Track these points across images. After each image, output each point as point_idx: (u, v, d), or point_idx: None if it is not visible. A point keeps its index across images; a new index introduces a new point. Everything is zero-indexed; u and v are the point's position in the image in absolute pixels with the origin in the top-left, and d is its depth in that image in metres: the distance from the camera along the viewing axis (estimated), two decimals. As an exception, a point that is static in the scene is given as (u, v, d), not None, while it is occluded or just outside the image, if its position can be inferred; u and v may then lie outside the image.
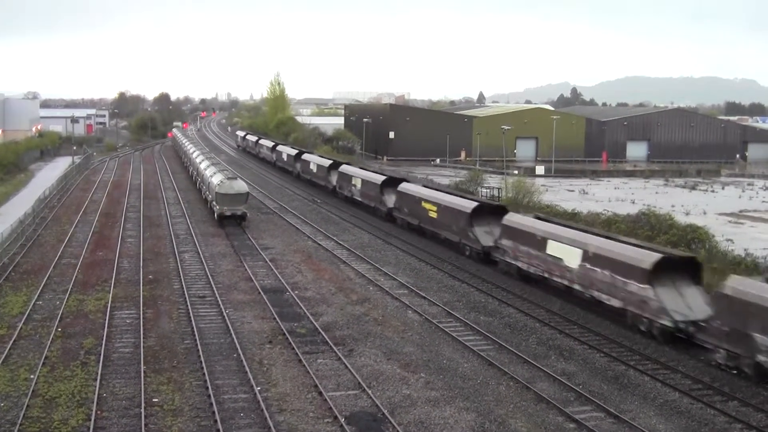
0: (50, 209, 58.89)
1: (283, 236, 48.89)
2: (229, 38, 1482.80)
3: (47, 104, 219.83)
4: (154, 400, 22.56)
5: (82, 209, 59.16)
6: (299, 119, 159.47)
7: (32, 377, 24.01)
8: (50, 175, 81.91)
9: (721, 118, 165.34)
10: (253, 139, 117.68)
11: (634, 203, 67.96)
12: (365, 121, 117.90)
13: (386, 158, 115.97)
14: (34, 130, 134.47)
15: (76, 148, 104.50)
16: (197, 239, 47.11)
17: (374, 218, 55.95)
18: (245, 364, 25.33)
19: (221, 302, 32.79)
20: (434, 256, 43.35)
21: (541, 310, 32.90)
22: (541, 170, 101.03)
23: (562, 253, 33.46)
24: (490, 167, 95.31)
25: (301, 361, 25.86)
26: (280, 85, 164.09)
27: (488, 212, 42.15)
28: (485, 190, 65.35)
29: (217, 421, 21.00)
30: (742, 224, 60.58)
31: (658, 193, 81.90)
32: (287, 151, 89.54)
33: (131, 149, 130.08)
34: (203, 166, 65.57)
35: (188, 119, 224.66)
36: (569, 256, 32.91)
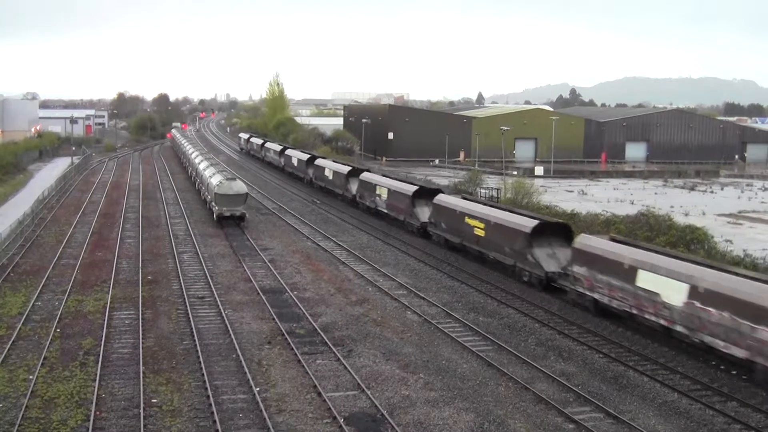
0: (49, 210, 58.85)
1: (282, 237, 48.89)
2: (228, 39, 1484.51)
3: (46, 105, 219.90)
4: (153, 400, 22.55)
5: (81, 210, 59.13)
6: (298, 120, 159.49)
7: (31, 378, 23.97)
8: (49, 175, 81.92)
9: (719, 118, 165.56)
10: (258, 141, 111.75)
11: (633, 204, 67.97)
12: (364, 121, 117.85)
13: (385, 159, 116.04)
14: (33, 130, 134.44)
15: (75, 148, 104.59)
16: (196, 240, 47.10)
17: (403, 232, 50.16)
18: (244, 364, 25.32)
19: (220, 303, 32.77)
20: (433, 257, 43.37)
21: (540, 310, 32.90)
22: (540, 171, 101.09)
23: (658, 286, 28.16)
24: (489, 168, 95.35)
25: (300, 361, 25.86)
26: (279, 85, 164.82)
27: (551, 231, 36.85)
28: (484, 190, 65.21)
29: (216, 421, 20.99)
30: (740, 225, 60.63)
31: (657, 193, 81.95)
32: (298, 155, 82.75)
33: (130, 150, 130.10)
34: (202, 166, 65.62)
35: (187, 120, 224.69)
36: (670, 290, 27.61)
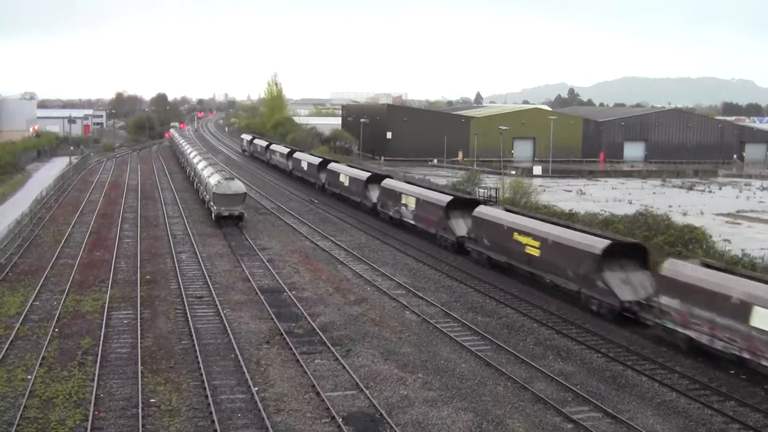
0: (47, 210, 58.79)
1: (280, 236, 48.86)
2: (227, 39, 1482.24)
3: (44, 104, 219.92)
4: (151, 400, 22.54)
5: (79, 210, 59.07)
6: (296, 119, 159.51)
7: (29, 378, 23.95)
8: (47, 175, 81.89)
9: (718, 118, 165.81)
10: (262, 143, 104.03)
11: (631, 203, 67.98)
12: (362, 121, 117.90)
13: (383, 158, 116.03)
14: (31, 130, 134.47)
15: (73, 148, 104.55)
16: (194, 239, 47.07)
17: (433, 246, 45.56)
18: (243, 364, 25.31)
19: (219, 302, 32.75)
20: (432, 256, 43.37)
21: (538, 310, 32.90)
22: (538, 170, 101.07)
23: None
24: (487, 167, 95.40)
25: (298, 361, 25.85)
26: (277, 85, 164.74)
27: (622, 252, 31.94)
28: (482, 190, 65.15)
29: (214, 421, 20.98)
30: (739, 224, 60.67)
31: (655, 193, 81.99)
32: (308, 159, 76.45)
33: (128, 150, 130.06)
34: (201, 166, 65.59)
35: (185, 120, 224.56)
36: None
